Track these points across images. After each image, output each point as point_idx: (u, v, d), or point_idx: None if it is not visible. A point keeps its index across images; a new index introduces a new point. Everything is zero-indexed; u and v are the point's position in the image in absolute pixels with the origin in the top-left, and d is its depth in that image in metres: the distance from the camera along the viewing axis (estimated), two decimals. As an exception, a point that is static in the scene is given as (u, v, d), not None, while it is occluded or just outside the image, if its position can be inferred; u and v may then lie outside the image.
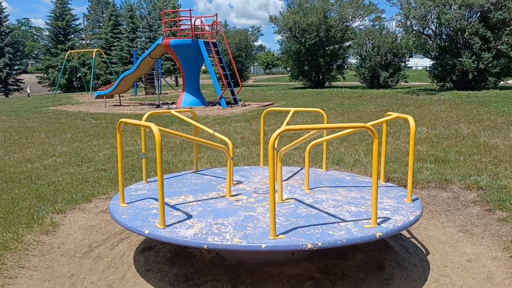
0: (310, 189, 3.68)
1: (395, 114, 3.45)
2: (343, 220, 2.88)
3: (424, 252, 3.52)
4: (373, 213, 2.76)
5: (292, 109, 4.33)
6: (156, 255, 3.42)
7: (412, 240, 3.77)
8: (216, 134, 3.75)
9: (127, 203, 3.31)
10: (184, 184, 3.92)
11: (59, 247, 3.62)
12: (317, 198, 3.43)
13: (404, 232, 3.91)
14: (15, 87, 38.65)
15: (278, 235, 2.58)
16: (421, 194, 4.87)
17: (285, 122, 4.20)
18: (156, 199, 3.37)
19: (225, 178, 3.95)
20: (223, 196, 3.48)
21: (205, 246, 2.52)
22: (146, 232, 2.71)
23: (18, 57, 39.49)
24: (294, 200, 3.38)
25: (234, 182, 3.91)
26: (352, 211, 3.09)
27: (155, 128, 2.66)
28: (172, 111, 4.13)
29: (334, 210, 3.11)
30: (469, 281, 3.03)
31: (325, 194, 3.54)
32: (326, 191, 3.66)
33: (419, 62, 53.48)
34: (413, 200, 3.35)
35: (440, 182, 5.05)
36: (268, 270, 3.07)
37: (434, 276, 3.09)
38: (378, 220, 2.83)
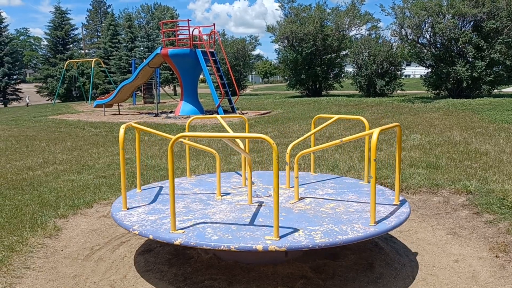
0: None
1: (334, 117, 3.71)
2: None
3: (414, 253, 3.67)
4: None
5: (218, 116, 4.58)
6: (156, 256, 3.57)
7: (403, 242, 3.92)
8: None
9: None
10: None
11: (62, 250, 3.76)
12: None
13: (395, 234, 4.07)
14: (14, 96, 38.77)
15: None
16: (412, 198, 5.03)
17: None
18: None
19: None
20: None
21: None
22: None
23: (17, 67, 39.65)
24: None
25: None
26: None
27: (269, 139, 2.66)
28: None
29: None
30: (455, 279, 3.18)
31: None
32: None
33: (416, 70, 53.93)
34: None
35: (431, 187, 5.21)
36: (262, 269, 3.22)
37: (422, 275, 3.24)
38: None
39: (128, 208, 3.38)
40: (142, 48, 40.29)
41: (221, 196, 3.74)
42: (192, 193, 3.88)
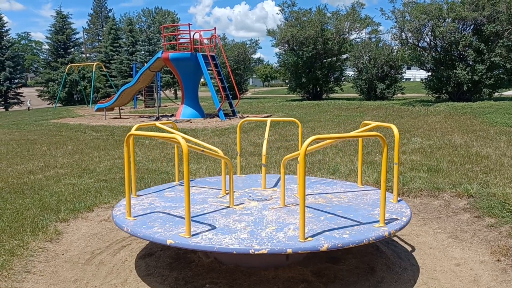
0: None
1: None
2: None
3: (415, 257, 3.66)
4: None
5: (157, 122, 4.36)
6: (157, 260, 3.56)
7: (404, 245, 3.91)
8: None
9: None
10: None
11: (63, 254, 3.76)
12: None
13: (396, 238, 4.06)
14: (15, 100, 38.86)
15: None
16: (413, 202, 5.02)
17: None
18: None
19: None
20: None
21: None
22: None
23: (18, 71, 39.74)
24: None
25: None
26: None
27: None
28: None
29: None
30: (456, 283, 3.17)
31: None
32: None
33: (417, 74, 53.96)
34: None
35: (432, 191, 5.21)
36: (263, 273, 3.21)
37: (423, 279, 3.23)
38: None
39: (192, 235, 2.82)
40: (143, 52, 40.38)
41: (236, 205, 3.50)
42: (197, 209, 3.42)
